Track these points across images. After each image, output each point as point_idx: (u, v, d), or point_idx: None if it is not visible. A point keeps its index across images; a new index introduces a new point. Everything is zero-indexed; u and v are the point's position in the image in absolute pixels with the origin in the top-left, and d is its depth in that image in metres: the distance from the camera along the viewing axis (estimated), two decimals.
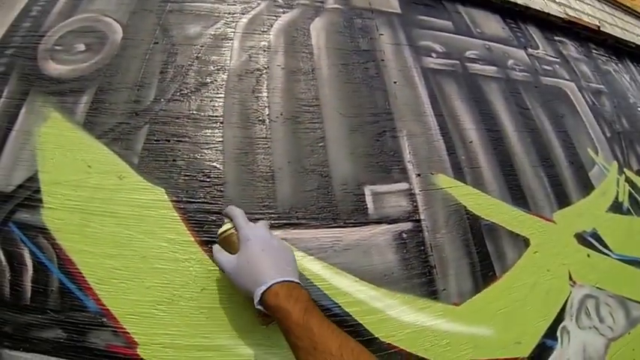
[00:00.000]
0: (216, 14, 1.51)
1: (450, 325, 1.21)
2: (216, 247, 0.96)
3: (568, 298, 1.48)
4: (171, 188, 1.11)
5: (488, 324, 1.28)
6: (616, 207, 1.91)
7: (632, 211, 1.97)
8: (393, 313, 1.16)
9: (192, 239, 1.06)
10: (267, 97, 1.34)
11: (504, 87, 1.87)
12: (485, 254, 1.37)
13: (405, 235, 1.27)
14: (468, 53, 1.89)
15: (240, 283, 0.87)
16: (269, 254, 0.89)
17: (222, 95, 1.30)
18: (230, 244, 0.95)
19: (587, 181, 1.86)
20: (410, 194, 1.34)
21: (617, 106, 2.45)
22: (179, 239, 1.06)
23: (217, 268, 1.00)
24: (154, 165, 1.14)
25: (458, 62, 1.82)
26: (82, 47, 1.34)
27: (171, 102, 1.25)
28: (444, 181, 1.42)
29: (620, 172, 2.07)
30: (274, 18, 1.57)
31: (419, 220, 1.31)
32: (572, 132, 1.97)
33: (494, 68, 1.92)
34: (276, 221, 1.14)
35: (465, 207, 1.41)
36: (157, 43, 1.38)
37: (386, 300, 1.16)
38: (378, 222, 1.26)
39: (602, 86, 2.49)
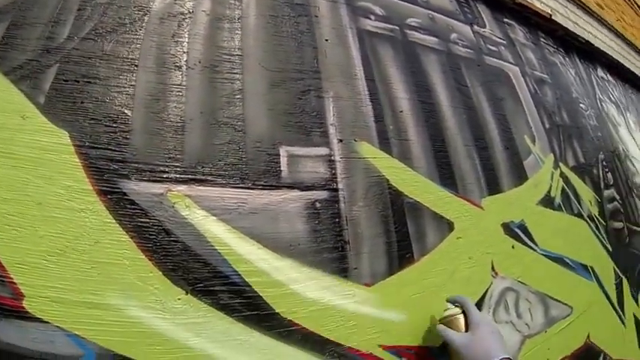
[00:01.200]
0: None
1: (359, 307, 1.20)
2: (442, 326, 1.20)
3: (488, 289, 1.50)
4: (75, 132, 1.05)
5: (400, 309, 1.27)
6: (547, 201, 1.94)
7: (563, 207, 2.01)
8: (296, 287, 1.13)
9: (91, 188, 1.01)
10: (188, 42, 1.28)
11: (444, 60, 1.85)
12: (404, 234, 1.35)
13: (318, 205, 1.23)
14: (409, 20, 1.85)
15: (471, 356, 1.11)
16: (495, 336, 1.16)
17: (141, 38, 1.23)
18: (457, 326, 1.19)
19: (521, 169, 1.88)
20: (329, 160, 1.30)
21: (559, 99, 2.49)
22: (77, 187, 1.00)
23: (114, 221, 1.00)
24: (61, 106, 1.07)
25: (397, 28, 1.77)
26: None
27: (85, 41, 1.17)
28: (368, 150, 1.39)
29: (556, 165, 2.11)
30: None
31: (336, 190, 1.28)
32: (510, 116, 1.99)
33: (435, 39, 1.89)
34: (181, 176, 1.10)
35: (388, 180, 1.39)
36: None
37: (290, 273, 1.13)
38: (291, 187, 1.22)
39: (546, 76, 2.52)
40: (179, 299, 1.00)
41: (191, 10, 1.34)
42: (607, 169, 2.66)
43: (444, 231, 1.46)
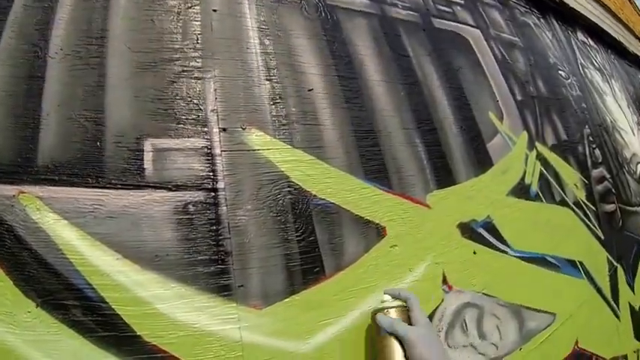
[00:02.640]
0: None
1: (246, 334, 1.11)
2: (388, 318, 1.13)
3: (437, 308, 1.39)
4: None
5: (303, 337, 1.17)
6: (521, 190, 1.83)
7: (541, 195, 1.90)
8: (163, 307, 1.06)
9: None
10: (51, 29, 1.23)
11: (376, 25, 1.72)
12: (311, 244, 1.25)
13: (192, 208, 1.15)
14: None
15: (427, 349, 1.06)
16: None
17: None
18: (402, 318, 1.14)
19: (484, 154, 1.76)
20: (207, 154, 1.21)
21: (533, 65, 2.38)
22: None
23: None
24: None
25: None
26: None
27: None
28: (259, 139, 1.27)
29: (531, 146, 2.00)
30: None
31: (215, 190, 1.19)
32: (469, 90, 1.87)
33: (365, 2, 1.75)
34: (34, 176, 1.07)
35: (288, 177, 1.27)
36: None
37: (155, 289, 1.06)
38: (157, 186, 1.14)
39: (516, 39, 2.41)
40: (29, 312, 0.96)
41: None
42: (594, 145, 2.58)
43: (370, 238, 1.34)
